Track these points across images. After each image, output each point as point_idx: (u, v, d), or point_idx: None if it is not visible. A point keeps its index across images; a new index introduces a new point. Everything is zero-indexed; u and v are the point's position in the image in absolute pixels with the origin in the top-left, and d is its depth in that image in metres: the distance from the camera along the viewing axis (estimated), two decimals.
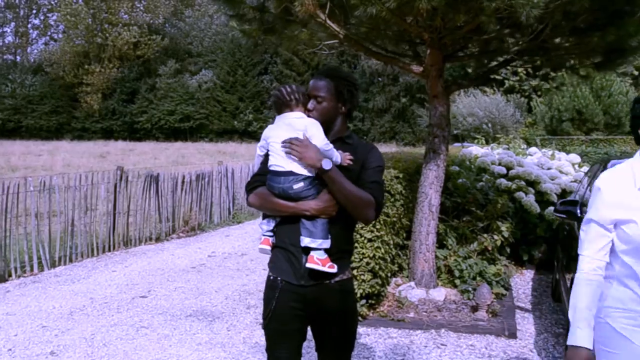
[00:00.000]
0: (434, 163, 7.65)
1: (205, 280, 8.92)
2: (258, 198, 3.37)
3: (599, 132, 34.99)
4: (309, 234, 3.24)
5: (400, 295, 7.47)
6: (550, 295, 8.58)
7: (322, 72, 3.45)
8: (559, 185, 10.82)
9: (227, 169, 14.55)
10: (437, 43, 7.08)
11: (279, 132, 3.33)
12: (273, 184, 3.30)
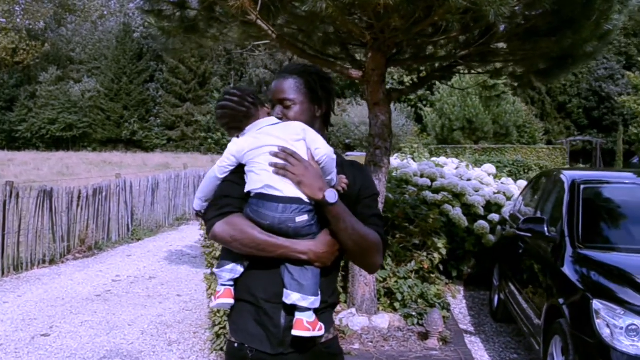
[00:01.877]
0: (375, 177, 6.97)
1: (115, 311, 7.81)
2: (231, 229, 2.47)
3: (487, 140, 35.75)
4: (299, 288, 2.43)
5: (342, 324, 6.73)
6: (490, 316, 8.10)
7: (287, 70, 2.70)
8: (483, 197, 10.44)
9: (125, 183, 13.37)
10: (383, 45, 6.41)
11: (261, 144, 2.53)
12: (265, 213, 2.45)
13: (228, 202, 2.53)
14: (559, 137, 54.18)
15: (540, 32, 6.57)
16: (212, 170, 2.61)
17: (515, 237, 7.34)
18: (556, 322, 4.95)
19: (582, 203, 5.90)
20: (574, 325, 4.59)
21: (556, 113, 57.58)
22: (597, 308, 4.40)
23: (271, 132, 2.54)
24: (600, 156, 43.25)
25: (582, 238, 5.51)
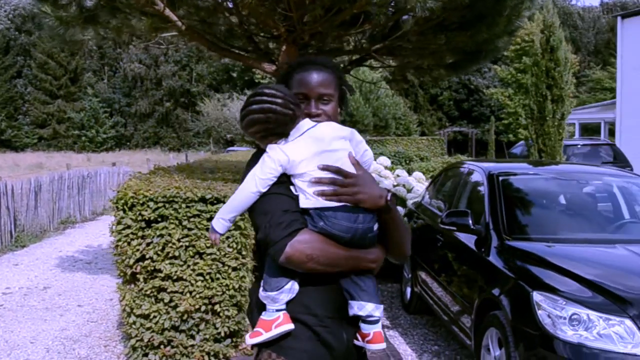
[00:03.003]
0: None
1: (12, 327, 7.17)
2: (308, 247, 2.26)
3: (368, 133, 36.27)
4: (370, 297, 2.37)
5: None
6: (403, 308, 8.10)
7: (320, 62, 2.48)
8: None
9: (6, 186, 12.47)
10: (298, 37, 6.21)
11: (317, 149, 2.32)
12: (346, 225, 2.30)
13: (293, 217, 2.30)
14: (432, 128, 55.97)
15: (451, 26, 6.60)
16: (250, 184, 2.35)
17: (429, 229, 7.35)
18: (491, 314, 4.94)
19: (504, 195, 5.96)
20: (515, 317, 4.58)
21: (429, 105, 59.44)
22: (537, 299, 4.40)
23: (318, 135, 2.34)
24: (475, 146, 44.91)
25: (507, 230, 5.55)
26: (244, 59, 6.63)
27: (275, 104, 2.29)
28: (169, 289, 5.55)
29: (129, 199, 5.50)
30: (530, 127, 12.11)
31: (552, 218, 6.13)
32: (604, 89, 44.49)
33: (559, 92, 11.85)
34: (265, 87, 2.36)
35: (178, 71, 57.95)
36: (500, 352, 4.78)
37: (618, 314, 4.18)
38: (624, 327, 4.12)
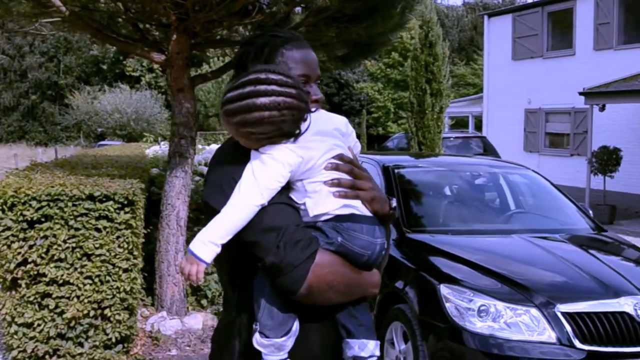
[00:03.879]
0: (181, 169, 6.49)
1: None
2: (332, 272, 1.86)
3: None
4: (368, 334, 1.98)
5: (154, 330, 6.19)
6: None
7: (302, 39, 2.09)
8: None
9: None
10: (190, 26, 5.94)
11: (325, 148, 1.92)
12: (366, 239, 1.90)
13: (308, 234, 1.86)
14: None
15: (342, 18, 6.52)
16: (253, 196, 1.82)
17: None
18: (395, 308, 4.90)
19: (399, 187, 5.95)
20: (422, 310, 4.56)
21: None
22: (445, 292, 4.40)
23: (322, 128, 1.93)
24: None
25: (406, 222, 5.53)
26: (131, 48, 6.27)
27: (290, 96, 1.81)
28: (54, 294, 5.15)
29: (8, 198, 5.04)
30: (410, 120, 12.32)
31: (447, 210, 6.20)
32: (467, 84, 46.31)
33: (437, 86, 12.13)
34: (268, 70, 1.85)
35: (45, 63, 55.19)
36: (405, 346, 4.75)
37: (524, 303, 4.24)
38: (530, 316, 4.18)
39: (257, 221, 1.83)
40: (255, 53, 2.00)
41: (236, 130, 1.84)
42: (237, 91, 1.82)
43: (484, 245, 5.27)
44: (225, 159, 1.97)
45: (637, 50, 17.09)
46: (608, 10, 18.08)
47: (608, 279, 4.54)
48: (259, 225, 1.83)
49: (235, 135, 1.87)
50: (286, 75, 1.86)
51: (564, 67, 19.41)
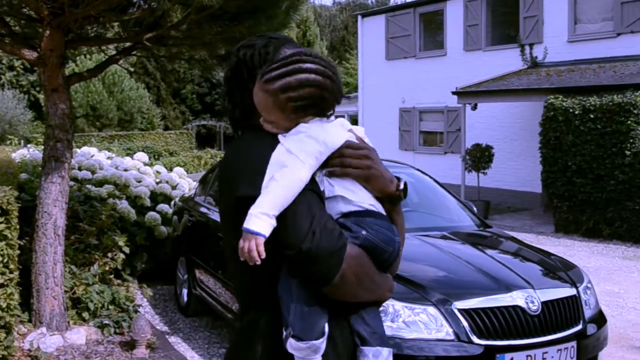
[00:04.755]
0: (57, 174, 6.12)
1: None
2: (360, 265, 1.84)
3: (113, 127, 34.89)
4: (381, 340, 1.94)
5: (33, 348, 5.80)
6: (180, 312, 7.74)
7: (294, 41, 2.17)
8: (147, 187, 9.97)
9: None
10: (64, 22, 5.60)
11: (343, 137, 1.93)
12: (388, 235, 1.90)
13: (336, 225, 1.84)
14: (176, 122, 55.26)
15: (225, 16, 6.37)
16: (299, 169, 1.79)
17: (208, 227, 7.08)
18: None
19: None
20: None
21: (171, 99, 58.56)
22: None
23: (340, 122, 1.97)
24: (223, 140, 45.12)
25: None
26: (1, 45, 5.83)
27: (332, 70, 1.89)
28: None
29: None
30: None
31: None
32: None
33: None
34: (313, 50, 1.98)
35: None
36: None
37: (421, 302, 4.29)
38: (428, 314, 4.23)
39: (289, 208, 1.78)
40: (259, 53, 2.01)
41: (275, 98, 1.83)
42: (281, 62, 1.87)
43: None
44: (253, 151, 1.91)
45: (504, 51, 17.87)
46: (477, 13, 18.79)
47: (499, 274, 4.67)
48: (292, 210, 1.78)
49: (272, 106, 1.85)
50: (328, 60, 1.94)
51: (436, 67, 20.01)
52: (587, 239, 12.84)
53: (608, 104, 12.47)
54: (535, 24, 17.20)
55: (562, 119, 13.15)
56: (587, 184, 12.92)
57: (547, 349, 4.31)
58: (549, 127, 13.47)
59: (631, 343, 6.53)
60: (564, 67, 15.86)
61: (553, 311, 4.44)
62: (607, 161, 12.56)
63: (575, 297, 4.70)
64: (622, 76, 13.58)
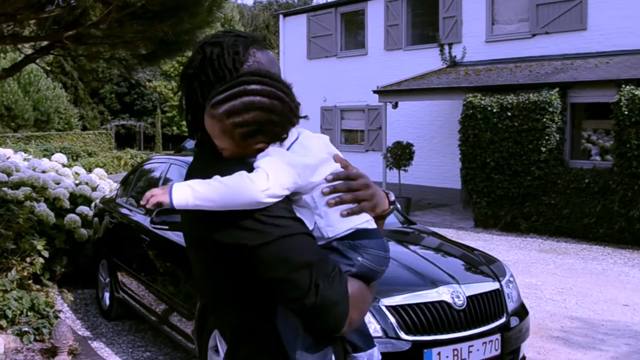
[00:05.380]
0: None
1: None
2: (363, 300, 1.75)
3: (29, 128, 33.86)
4: (369, 341, 1.93)
5: None
6: (102, 316, 7.56)
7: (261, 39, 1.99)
8: (66, 189, 9.71)
9: None
10: None
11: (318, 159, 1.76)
12: (382, 255, 1.79)
13: (332, 263, 1.71)
14: (94, 122, 54.08)
15: (147, 14, 6.26)
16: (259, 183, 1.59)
17: (130, 229, 6.95)
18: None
19: None
20: None
21: (90, 98, 57.26)
22: None
23: (312, 140, 1.82)
24: (143, 140, 44.39)
25: None
26: None
27: (282, 91, 1.74)
28: None
29: None
30: None
31: None
32: None
33: None
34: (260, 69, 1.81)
35: None
36: None
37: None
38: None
39: (284, 256, 1.63)
40: (229, 52, 1.84)
41: (220, 124, 1.69)
42: (228, 84, 1.73)
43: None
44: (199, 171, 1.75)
45: (424, 51, 18.19)
46: (397, 13, 19.06)
47: (425, 270, 4.75)
48: (288, 262, 1.63)
49: (219, 133, 1.70)
50: (278, 78, 1.78)
51: (357, 66, 20.19)
52: (506, 233, 13.21)
53: (524, 102, 12.86)
54: (454, 25, 17.58)
55: (481, 117, 13.48)
56: (505, 180, 13.29)
57: (472, 343, 4.41)
58: (468, 125, 13.80)
59: (549, 333, 6.76)
60: (482, 66, 16.26)
61: (478, 305, 4.55)
62: (523, 158, 12.95)
63: (499, 290, 4.83)
64: (538, 75, 14.02)
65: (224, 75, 1.81)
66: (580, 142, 13.20)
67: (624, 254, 11.07)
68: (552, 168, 12.64)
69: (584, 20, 14.95)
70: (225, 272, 1.73)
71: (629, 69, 12.76)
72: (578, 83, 12.85)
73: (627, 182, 11.57)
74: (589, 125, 13.26)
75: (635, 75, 12.00)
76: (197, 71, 1.87)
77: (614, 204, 11.80)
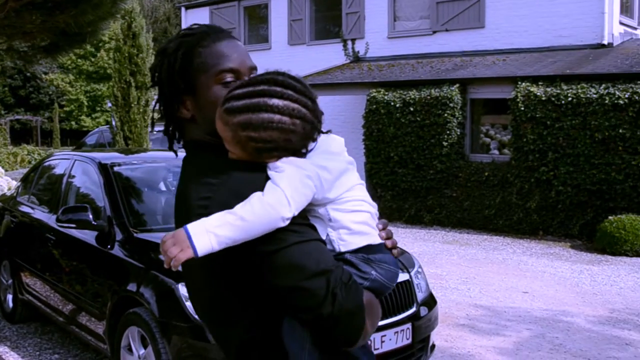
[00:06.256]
0: None
1: None
2: (376, 312, 1.71)
3: None
4: (368, 352, 1.85)
5: None
6: (5, 319, 7.27)
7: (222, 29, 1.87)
8: None
9: None
10: None
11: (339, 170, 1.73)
12: (393, 270, 1.76)
13: (348, 273, 1.66)
14: None
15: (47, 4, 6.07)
16: (280, 206, 1.56)
17: (33, 228, 6.72)
18: (130, 312, 4.69)
19: (120, 186, 5.69)
20: (161, 312, 4.41)
21: None
22: (183, 292, 4.31)
23: (331, 148, 1.77)
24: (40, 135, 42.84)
25: (132, 222, 5.32)
26: None
27: (305, 106, 1.65)
28: None
29: None
30: (116, 114, 11.87)
31: (172, 206, 6.05)
32: None
33: (142, 79, 11.82)
34: (285, 74, 1.71)
35: None
36: (145, 350, 4.58)
37: None
38: None
39: (300, 263, 1.57)
40: (169, 61, 1.76)
41: (233, 133, 1.60)
42: (247, 88, 1.63)
43: None
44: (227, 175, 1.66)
45: (327, 46, 18.35)
46: (301, 7, 19.13)
47: None
48: (304, 269, 1.57)
49: (231, 140, 1.62)
50: (306, 87, 1.70)
51: (260, 60, 19.42)
52: (410, 225, 13.53)
53: (426, 98, 13.18)
54: (357, 20, 17.80)
55: (384, 112, 13.73)
56: (409, 174, 13.61)
57: (385, 332, 4.51)
58: (372, 120, 14.03)
59: (456, 321, 6.98)
60: (385, 62, 16.55)
61: (389, 296, 4.65)
62: (426, 152, 13.29)
63: (409, 281, 4.95)
64: (439, 71, 14.40)
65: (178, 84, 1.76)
66: (479, 137, 13.64)
67: (522, 243, 11.55)
68: (454, 162, 13.03)
69: (482, 18, 15.45)
70: (233, 284, 1.67)
71: (524, 66, 13.29)
72: (477, 79, 13.30)
73: (524, 175, 12.07)
74: (488, 121, 13.71)
75: (530, 73, 12.52)
76: (158, 83, 1.82)
77: (512, 196, 12.29)
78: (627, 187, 10.95)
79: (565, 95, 11.42)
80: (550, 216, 11.92)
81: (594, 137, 11.18)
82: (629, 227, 10.31)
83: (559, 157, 11.59)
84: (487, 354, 6.08)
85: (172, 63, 1.77)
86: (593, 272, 9.37)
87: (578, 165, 11.38)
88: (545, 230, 12.02)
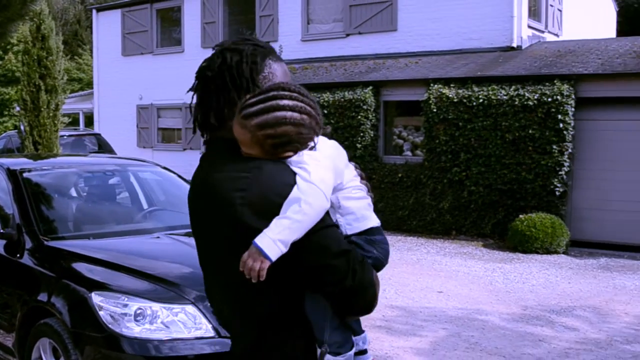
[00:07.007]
0: None
1: None
2: (379, 285, 2.10)
3: None
4: (360, 324, 2.15)
5: None
6: None
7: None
8: None
9: None
10: None
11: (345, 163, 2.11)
12: (388, 248, 2.13)
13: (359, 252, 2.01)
14: None
15: None
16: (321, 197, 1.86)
17: None
18: (42, 323, 4.55)
19: (30, 193, 5.52)
20: (74, 322, 4.30)
21: None
22: (97, 301, 4.22)
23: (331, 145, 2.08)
24: None
25: (42, 230, 5.16)
26: None
27: (310, 105, 1.94)
28: None
29: None
30: (24, 118, 11.52)
31: (85, 213, 5.93)
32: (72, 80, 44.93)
33: (52, 82, 11.53)
34: (292, 84, 1.97)
35: None
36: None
37: (179, 301, 4.25)
38: (186, 313, 4.21)
39: (326, 245, 1.89)
40: (247, 61, 1.98)
41: (253, 134, 1.87)
42: (259, 96, 1.89)
43: (127, 246, 5.14)
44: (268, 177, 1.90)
45: None
46: (214, 10, 19.00)
47: None
48: (330, 249, 1.89)
49: (250, 142, 1.89)
50: (305, 90, 1.97)
51: (173, 63, 19.88)
52: None
53: (340, 100, 13.32)
54: (270, 23, 17.82)
55: None
56: None
57: None
58: None
59: (372, 322, 7.04)
60: (299, 64, 16.60)
61: None
62: None
63: None
64: (352, 74, 14.55)
65: (240, 83, 1.96)
66: (392, 139, 13.85)
67: (435, 243, 11.81)
68: (368, 164, 13.18)
69: (394, 21, 15.70)
70: None
71: (436, 68, 13.59)
72: (390, 82, 13.52)
73: (436, 176, 12.34)
74: (401, 122, 13.93)
75: (442, 75, 12.82)
76: (215, 75, 1.99)
77: (425, 197, 12.55)
78: (536, 186, 11.34)
79: (477, 97, 11.75)
80: (462, 216, 12.23)
81: (505, 138, 11.54)
82: (539, 225, 10.69)
83: (470, 158, 11.91)
84: (405, 355, 6.17)
85: (250, 63, 1.99)
86: (505, 270, 9.66)
87: (489, 166, 11.72)
88: (458, 230, 12.33)
